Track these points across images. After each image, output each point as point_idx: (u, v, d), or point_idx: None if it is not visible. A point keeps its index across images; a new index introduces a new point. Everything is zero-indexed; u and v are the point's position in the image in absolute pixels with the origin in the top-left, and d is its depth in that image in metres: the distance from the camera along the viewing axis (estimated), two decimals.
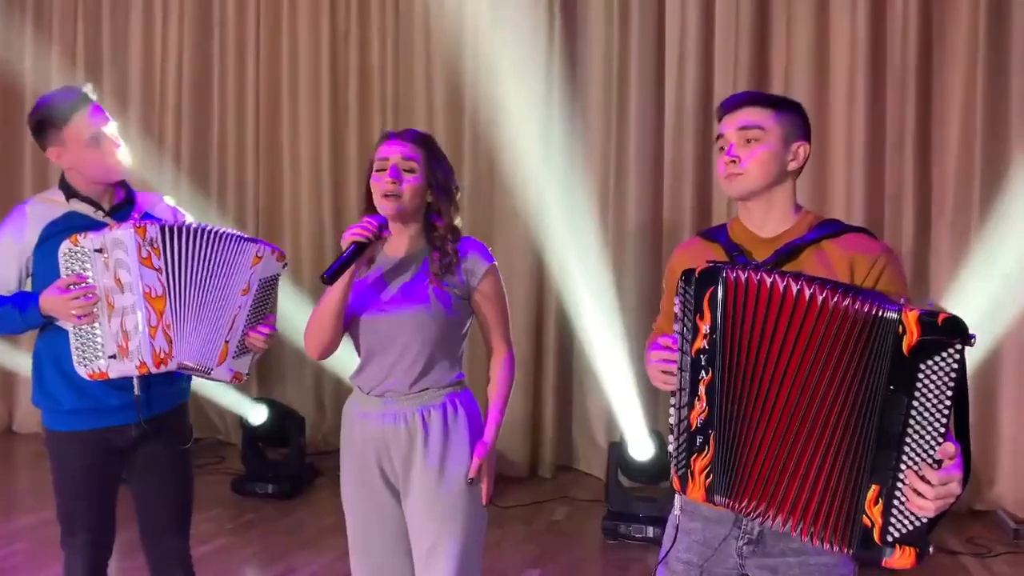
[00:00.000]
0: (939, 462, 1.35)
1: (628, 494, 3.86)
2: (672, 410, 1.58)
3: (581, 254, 4.54)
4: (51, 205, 2.19)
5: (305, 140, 5.15)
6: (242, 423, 4.50)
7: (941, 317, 1.33)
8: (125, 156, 2.22)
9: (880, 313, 1.37)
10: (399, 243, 2.03)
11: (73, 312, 2.05)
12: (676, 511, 1.69)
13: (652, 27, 4.47)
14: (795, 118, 1.66)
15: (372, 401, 2.00)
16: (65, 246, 2.06)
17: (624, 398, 4.18)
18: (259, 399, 4.64)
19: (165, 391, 2.24)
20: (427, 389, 1.98)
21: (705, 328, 1.51)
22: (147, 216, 2.24)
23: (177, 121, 5.37)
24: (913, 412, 1.35)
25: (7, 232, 2.17)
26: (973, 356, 3.75)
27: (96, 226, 2.13)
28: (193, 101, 5.36)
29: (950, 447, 1.35)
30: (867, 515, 1.41)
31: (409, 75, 4.89)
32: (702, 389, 1.52)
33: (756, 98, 1.65)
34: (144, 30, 5.47)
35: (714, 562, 1.65)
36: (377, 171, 1.96)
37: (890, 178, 4.15)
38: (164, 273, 2.07)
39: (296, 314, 4.88)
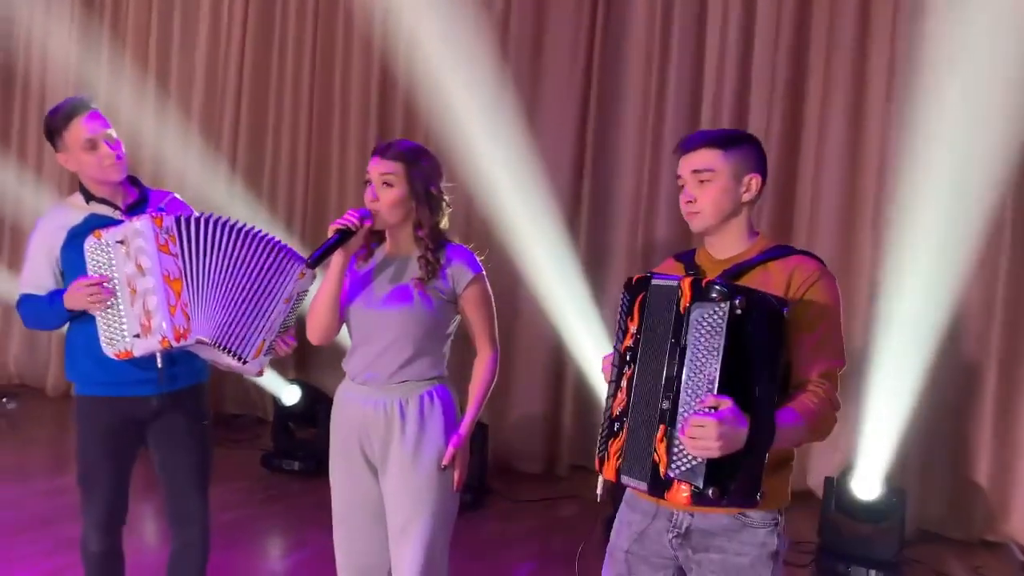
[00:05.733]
0: (715, 408, 1.51)
1: None
2: (604, 400, 1.77)
3: (608, 258, 4.68)
4: (72, 210, 2.42)
5: (352, 151, 5.38)
6: (275, 402, 4.74)
7: (705, 280, 1.57)
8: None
9: (668, 282, 1.63)
10: (393, 243, 2.21)
11: (88, 302, 2.25)
12: (599, 490, 1.83)
13: (691, 54, 4.54)
14: (746, 153, 1.79)
15: (357, 387, 2.19)
16: (89, 241, 2.27)
17: None
18: (294, 380, 4.86)
19: (183, 370, 2.44)
20: (406, 381, 2.14)
21: (633, 328, 1.70)
22: (160, 211, 2.43)
23: (235, 128, 5.66)
24: (687, 361, 1.55)
25: (36, 242, 2.41)
26: (984, 378, 3.85)
27: (115, 224, 2.32)
28: (251, 108, 5.63)
29: (711, 399, 1.51)
30: (655, 452, 1.58)
31: (447, 89, 5.03)
32: (624, 382, 1.70)
33: (707, 140, 1.79)
34: (209, 41, 5.77)
35: (649, 551, 1.80)
36: (365, 183, 2.16)
37: None
38: (180, 258, 2.25)
39: None
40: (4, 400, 5.42)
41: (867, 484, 3.66)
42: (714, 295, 1.54)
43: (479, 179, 4.50)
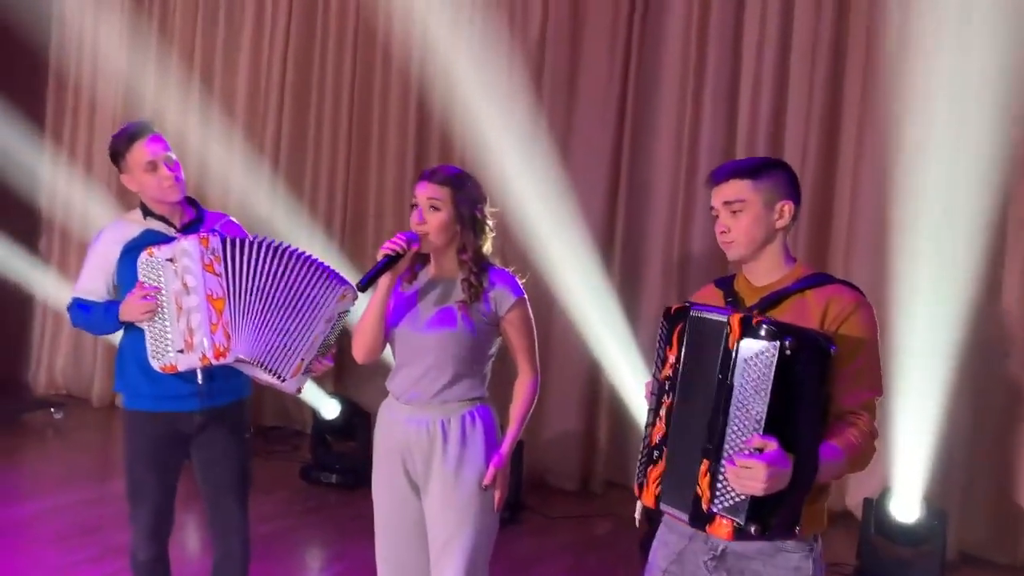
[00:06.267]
0: (761, 450, 1.52)
1: None
2: (643, 427, 1.80)
3: (642, 274, 4.70)
4: (131, 224, 2.52)
5: (391, 159, 5.44)
6: (314, 415, 4.81)
7: (756, 319, 1.56)
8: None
9: (715, 316, 1.64)
10: (437, 266, 2.26)
11: (140, 314, 2.35)
12: (637, 515, 1.86)
13: (726, 80, 4.55)
14: (776, 180, 1.81)
15: (400, 406, 2.24)
16: (142, 257, 2.36)
17: None
18: (334, 394, 4.93)
19: (225, 386, 2.51)
20: (449, 401, 2.19)
21: (672, 358, 1.73)
22: (214, 231, 2.49)
23: (277, 127, 5.74)
24: (734, 399, 1.56)
25: (94, 252, 2.52)
26: None
27: (168, 240, 2.42)
28: (291, 136, 5.71)
29: (757, 440, 1.52)
30: (698, 485, 1.61)
31: (482, 116, 5.03)
32: (663, 411, 1.74)
33: (736, 171, 1.82)
34: (252, 45, 5.86)
35: (686, 571, 1.82)
36: (412, 208, 2.21)
37: None
38: (224, 278, 2.33)
39: None
40: (52, 410, 5.56)
41: (907, 506, 3.62)
42: (764, 334, 1.55)
43: (513, 203, 4.53)
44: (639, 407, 4.80)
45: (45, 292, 6.19)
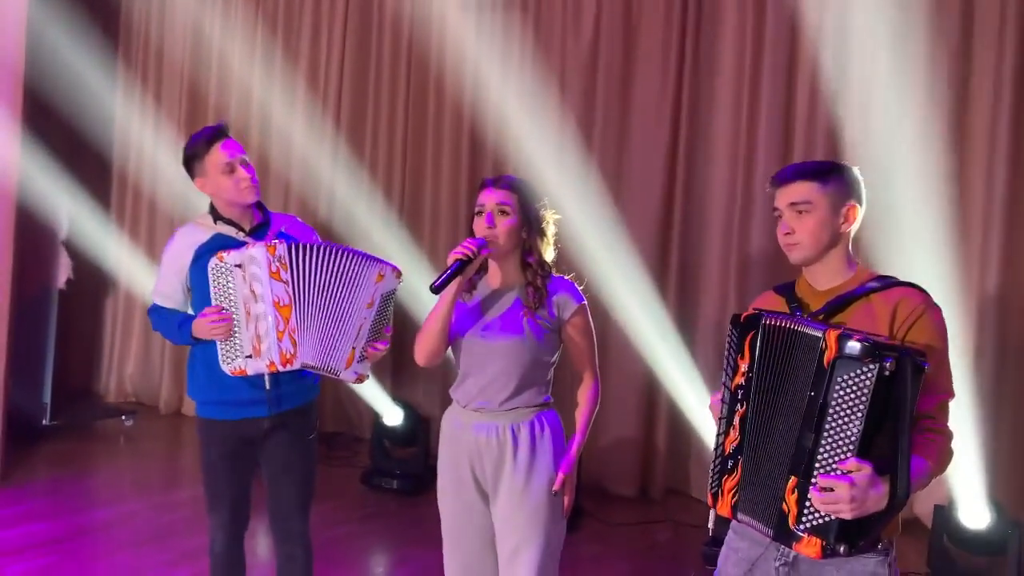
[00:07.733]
0: (856, 474, 1.50)
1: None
2: (715, 436, 1.79)
3: (699, 283, 4.67)
4: (201, 228, 2.57)
5: (445, 182, 5.48)
6: (374, 421, 4.88)
7: (856, 337, 1.52)
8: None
9: (805, 330, 1.60)
10: (499, 274, 2.28)
11: (212, 334, 2.42)
12: (710, 524, 1.86)
13: (782, 92, 4.51)
14: (842, 183, 1.79)
15: (468, 414, 2.26)
16: (212, 262, 2.42)
17: None
18: (395, 399, 4.98)
19: (292, 390, 2.57)
20: (517, 408, 2.21)
21: (744, 367, 1.72)
22: (280, 235, 2.56)
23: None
24: (828, 418, 1.53)
25: (168, 257, 2.59)
26: None
27: (237, 245, 2.48)
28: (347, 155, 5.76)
29: (852, 463, 1.50)
30: (785, 502, 1.59)
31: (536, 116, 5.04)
32: (736, 419, 1.73)
33: (803, 172, 1.80)
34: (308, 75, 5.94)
35: None
36: (477, 214, 2.23)
37: None
38: (290, 285, 2.39)
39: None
40: (123, 418, 5.73)
41: (977, 513, 3.52)
42: (863, 352, 1.52)
43: (568, 210, 4.48)
44: (697, 413, 4.77)
45: (117, 280, 6.39)
